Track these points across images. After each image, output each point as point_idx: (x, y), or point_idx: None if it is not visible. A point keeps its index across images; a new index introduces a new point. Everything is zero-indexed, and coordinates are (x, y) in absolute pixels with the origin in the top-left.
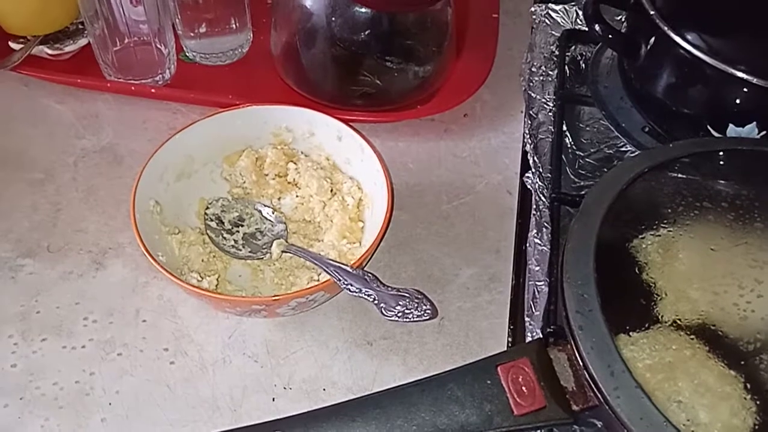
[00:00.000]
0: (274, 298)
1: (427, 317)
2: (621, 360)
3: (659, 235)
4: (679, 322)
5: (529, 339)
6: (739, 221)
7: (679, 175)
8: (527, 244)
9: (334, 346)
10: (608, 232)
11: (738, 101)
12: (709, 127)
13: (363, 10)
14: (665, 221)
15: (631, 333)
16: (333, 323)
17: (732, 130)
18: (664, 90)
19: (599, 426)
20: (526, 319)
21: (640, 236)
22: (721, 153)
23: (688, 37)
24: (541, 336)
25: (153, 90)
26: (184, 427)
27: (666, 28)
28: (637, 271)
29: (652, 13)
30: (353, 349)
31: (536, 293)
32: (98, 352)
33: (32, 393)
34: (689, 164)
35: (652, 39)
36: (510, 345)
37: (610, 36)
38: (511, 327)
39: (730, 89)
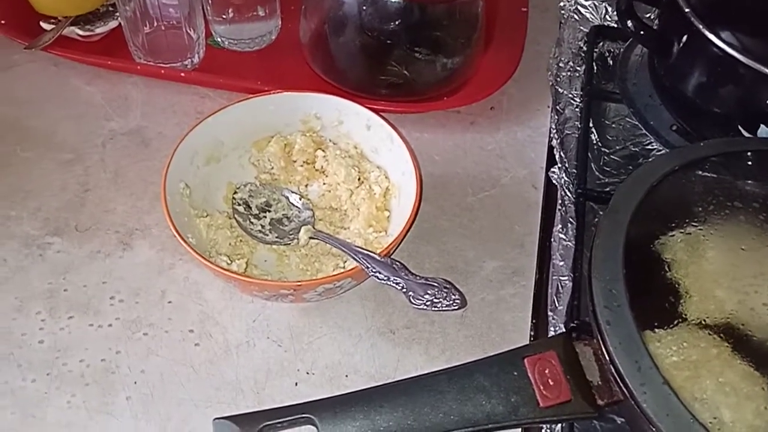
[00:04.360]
0: (302, 282)
1: (456, 307)
2: (648, 356)
3: (689, 234)
4: (706, 320)
5: (551, 333)
6: None
7: (710, 175)
8: (552, 239)
9: (357, 334)
10: (637, 228)
11: None
12: (739, 127)
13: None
14: (695, 220)
15: (657, 330)
16: (356, 310)
17: (763, 130)
18: (696, 88)
19: (619, 422)
20: (549, 313)
21: (669, 234)
22: (751, 153)
23: (723, 35)
24: (564, 331)
25: (182, 74)
26: (208, 408)
27: (700, 26)
28: (665, 268)
29: (686, 10)
30: (376, 337)
31: (560, 288)
32: (124, 331)
33: (59, 369)
34: (720, 164)
35: (685, 37)
36: (532, 339)
37: (642, 33)
38: (534, 321)
39: (763, 89)
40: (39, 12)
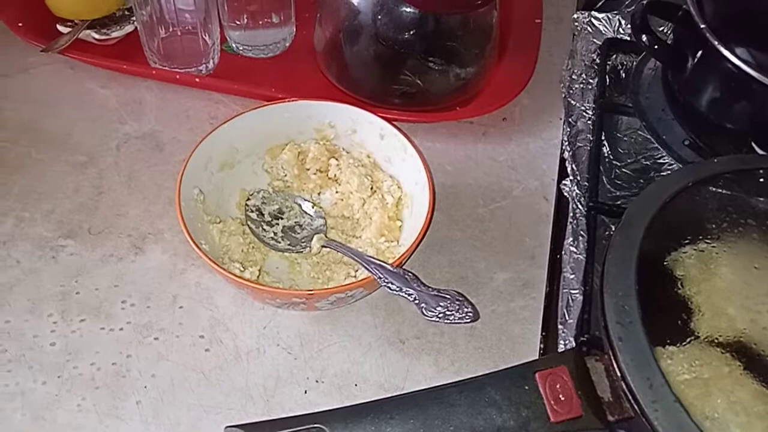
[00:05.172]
0: (314, 291)
1: (469, 320)
2: (660, 373)
3: (701, 250)
4: (718, 338)
5: (561, 346)
6: None
7: (723, 191)
8: (562, 252)
9: (366, 343)
10: (650, 244)
11: None
12: (753, 144)
13: (410, 10)
14: (708, 237)
15: (669, 347)
16: (366, 319)
17: None
18: (709, 104)
19: None
20: (559, 326)
21: (682, 250)
22: (765, 171)
23: (738, 51)
24: (573, 344)
25: (197, 79)
26: (218, 414)
27: (715, 42)
28: (677, 285)
29: (702, 26)
30: (385, 347)
31: (570, 301)
32: (135, 335)
33: (70, 372)
34: (733, 181)
35: (700, 52)
36: (542, 352)
37: (656, 47)
38: (544, 334)
39: None
40: (56, 15)
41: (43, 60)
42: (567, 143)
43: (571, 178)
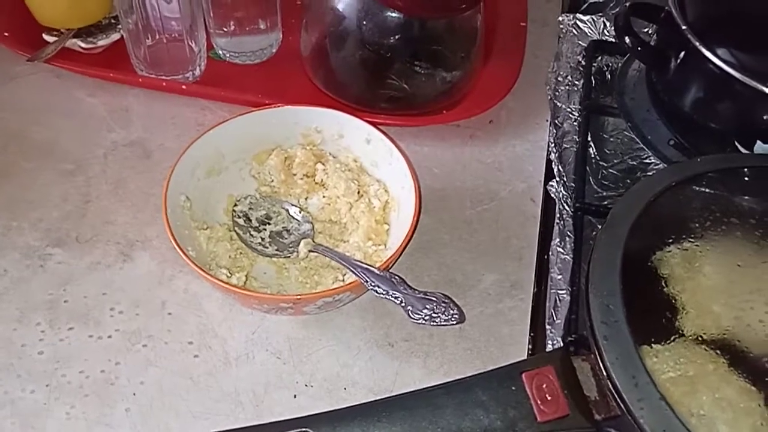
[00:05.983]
0: (301, 296)
1: (455, 322)
2: (645, 371)
3: (686, 249)
4: (703, 336)
5: (549, 347)
6: (767, 238)
7: (707, 190)
8: (550, 253)
9: (355, 346)
10: (634, 243)
11: (767, 118)
12: (736, 143)
13: (394, 14)
14: (692, 235)
15: (654, 345)
16: (355, 323)
17: (760, 146)
18: (693, 104)
19: None
20: (547, 327)
21: (666, 249)
22: (748, 170)
23: (719, 52)
24: (561, 344)
25: (184, 86)
26: (207, 420)
27: (697, 43)
28: (662, 283)
29: (683, 27)
30: (375, 350)
31: (558, 301)
32: (124, 342)
33: (58, 380)
34: (717, 180)
35: (683, 53)
36: (530, 352)
37: (639, 48)
38: (532, 334)
39: (760, 106)
40: (42, 24)
41: (29, 69)
42: (553, 145)
43: (557, 179)
